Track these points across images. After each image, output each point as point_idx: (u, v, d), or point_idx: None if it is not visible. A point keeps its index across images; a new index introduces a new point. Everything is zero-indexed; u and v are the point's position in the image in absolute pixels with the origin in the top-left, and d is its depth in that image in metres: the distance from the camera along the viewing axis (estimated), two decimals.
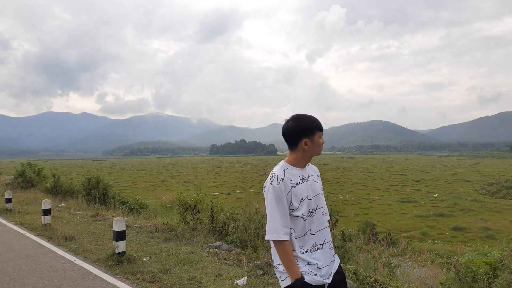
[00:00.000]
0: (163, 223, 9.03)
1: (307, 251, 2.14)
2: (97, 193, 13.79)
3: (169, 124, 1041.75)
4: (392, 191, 50.59)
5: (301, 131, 2.17)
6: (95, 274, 5.18)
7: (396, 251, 6.91)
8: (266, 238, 2.10)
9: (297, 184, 2.15)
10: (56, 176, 16.54)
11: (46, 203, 8.56)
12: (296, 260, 2.11)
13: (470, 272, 3.78)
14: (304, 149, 2.19)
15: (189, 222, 8.52)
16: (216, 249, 6.67)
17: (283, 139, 2.26)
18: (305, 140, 2.17)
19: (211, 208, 8.07)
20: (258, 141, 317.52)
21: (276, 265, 2.18)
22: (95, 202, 13.06)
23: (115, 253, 5.72)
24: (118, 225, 5.79)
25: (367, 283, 4.60)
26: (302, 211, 2.13)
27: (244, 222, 7.58)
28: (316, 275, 2.11)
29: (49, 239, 7.47)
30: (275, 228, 2.06)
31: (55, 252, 6.44)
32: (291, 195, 2.12)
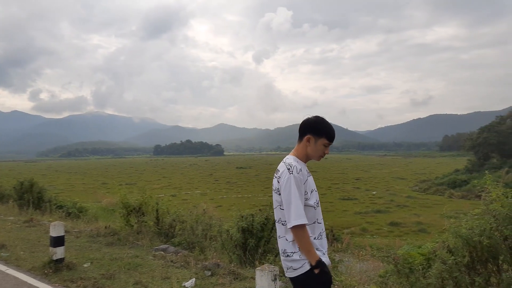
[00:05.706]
0: (105, 227, 8.64)
1: (315, 238, 2.35)
2: (31, 197, 12.81)
3: (110, 123, 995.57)
4: (334, 190, 52.49)
5: (310, 127, 2.40)
6: (30, 284, 4.83)
7: (339, 247, 7.21)
8: (294, 224, 2.20)
9: (307, 176, 2.37)
10: None
11: None
12: None
13: (407, 264, 4.06)
14: (306, 145, 2.40)
15: (133, 225, 8.23)
16: (162, 252, 6.51)
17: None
18: (309, 136, 2.38)
19: (157, 210, 7.87)
20: (204, 142, 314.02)
21: (289, 254, 2.30)
22: (29, 206, 12.13)
23: (53, 260, 5.37)
24: (56, 230, 5.45)
25: None
26: (313, 200, 2.35)
27: (191, 224, 7.49)
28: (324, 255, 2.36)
29: None
30: (301, 214, 2.21)
31: None
32: (307, 185, 2.32)
